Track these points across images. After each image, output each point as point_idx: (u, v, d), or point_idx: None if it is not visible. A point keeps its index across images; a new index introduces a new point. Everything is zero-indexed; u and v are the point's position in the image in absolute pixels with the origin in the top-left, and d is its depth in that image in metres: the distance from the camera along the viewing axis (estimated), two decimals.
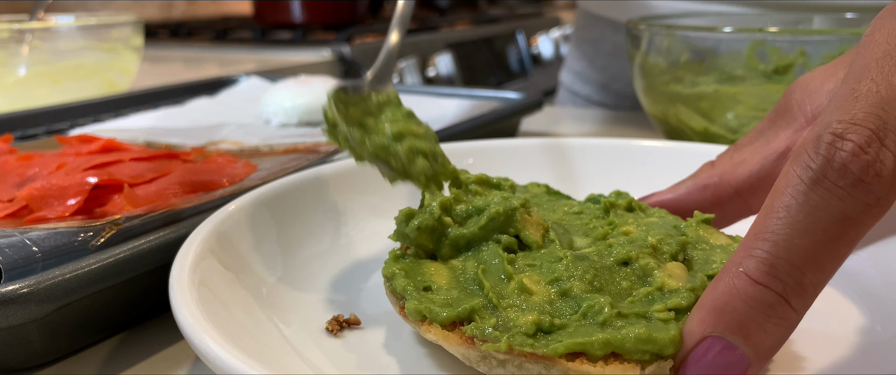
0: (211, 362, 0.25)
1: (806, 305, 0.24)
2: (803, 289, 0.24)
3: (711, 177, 0.38)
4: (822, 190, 0.23)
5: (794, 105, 0.36)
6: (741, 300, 0.24)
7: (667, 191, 0.40)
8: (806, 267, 0.23)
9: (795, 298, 0.24)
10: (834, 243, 0.23)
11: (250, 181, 0.48)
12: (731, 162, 0.38)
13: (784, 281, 0.23)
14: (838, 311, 0.36)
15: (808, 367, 0.31)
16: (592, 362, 0.27)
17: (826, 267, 0.24)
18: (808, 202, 0.23)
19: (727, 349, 0.24)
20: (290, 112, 0.71)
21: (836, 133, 0.23)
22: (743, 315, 0.24)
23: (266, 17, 1.55)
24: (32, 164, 0.49)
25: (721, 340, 0.24)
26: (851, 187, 0.23)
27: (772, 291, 0.23)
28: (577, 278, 0.30)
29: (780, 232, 0.23)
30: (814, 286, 0.24)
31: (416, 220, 0.34)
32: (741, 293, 0.24)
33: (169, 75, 1.11)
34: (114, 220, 0.37)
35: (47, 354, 0.34)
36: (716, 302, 0.24)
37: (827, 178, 0.23)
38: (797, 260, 0.23)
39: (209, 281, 0.32)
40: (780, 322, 0.24)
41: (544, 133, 0.81)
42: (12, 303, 0.30)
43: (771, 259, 0.23)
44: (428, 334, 0.29)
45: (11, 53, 0.82)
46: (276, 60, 1.23)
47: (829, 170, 0.23)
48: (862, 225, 0.23)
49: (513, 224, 0.34)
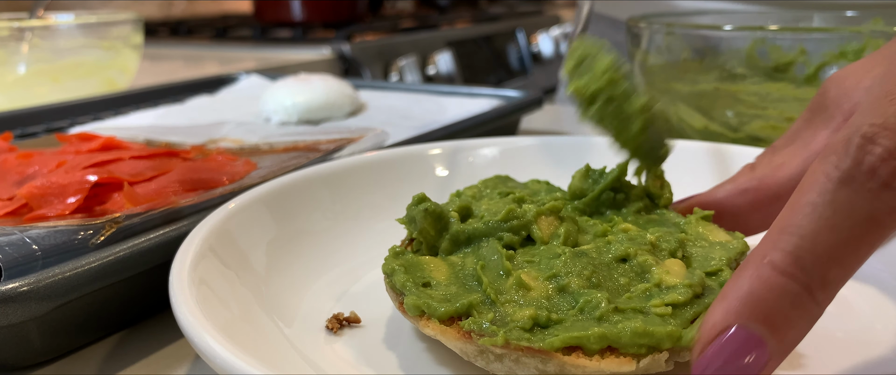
0: (211, 360, 0.25)
1: (828, 300, 0.24)
2: (827, 284, 0.24)
3: (751, 180, 0.37)
4: (850, 190, 0.23)
5: (831, 103, 0.36)
6: (768, 290, 0.24)
7: (705, 195, 0.39)
8: (831, 263, 0.24)
9: (819, 292, 0.24)
10: (858, 242, 0.24)
11: (250, 179, 0.48)
12: (771, 165, 0.37)
13: (809, 274, 0.24)
14: (838, 310, 0.36)
15: (809, 367, 0.31)
16: (588, 356, 0.27)
17: (848, 265, 0.24)
18: (836, 200, 0.23)
19: (751, 339, 0.24)
20: (290, 110, 0.71)
21: (867, 136, 0.23)
22: (769, 305, 0.24)
23: (266, 16, 1.55)
24: (32, 163, 0.49)
25: (745, 330, 0.24)
26: (879, 190, 0.23)
27: (798, 283, 0.24)
28: (575, 274, 0.31)
29: (806, 227, 0.24)
30: (836, 282, 0.24)
31: (425, 204, 0.34)
32: (768, 283, 0.24)
33: (169, 73, 1.11)
34: (114, 218, 0.37)
35: (47, 352, 0.34)
36: (741, 291, 0.24)
37: (855, 179, 0.23)
38: (823, 255, 0.23)
39: (209, 280, 0.32)
40: (803, 315, 0.24)
41: (545, 131, 0.81)
42: (12, 301, 0.30)
43: (797, 251, 0.24)
44: (426, 329, 0.30)
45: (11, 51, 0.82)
46: (276, 58, 1.23)
47: (857, 171, 0.23)
48: (887, 227, 0.23)
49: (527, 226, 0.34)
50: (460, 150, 0.52)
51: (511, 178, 0.43)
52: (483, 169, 0.50)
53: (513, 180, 0.43)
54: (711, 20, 0.73)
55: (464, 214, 0.36)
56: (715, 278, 0.32)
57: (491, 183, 0.42)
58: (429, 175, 0.51)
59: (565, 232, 0.34)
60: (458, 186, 0.46)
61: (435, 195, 0.39)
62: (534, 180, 0.43)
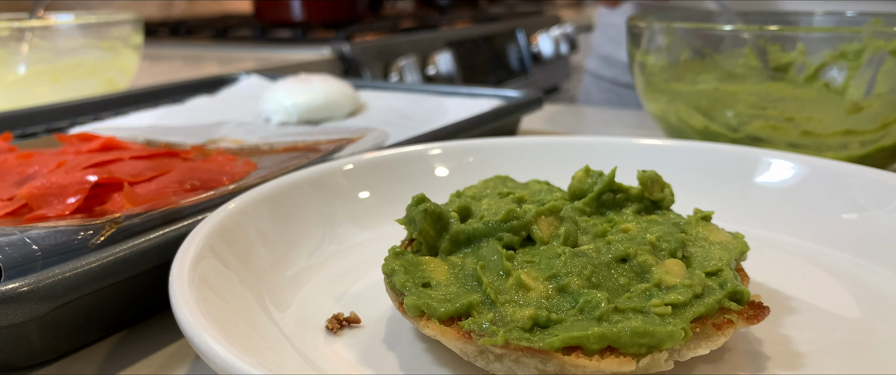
0: (211, 360, 0.25)
1: None
2: None
3: None
4: None
5: None
6: None
7: None
8: None
9: None
10: None
11: (250, 179, 0.48)
12: None
13: None
14: (838, 310, 0.36)
15: (809, 367, 0.31)
16: (588, 356, 0.27)
17: None
18: None
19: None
20: (290, 110, 0.71)
21: None
22: None
23: (266, 16, 1.55)
24: (32, 163, 0.49)
25: None
26: None
27: None
28: (575, 274, 0.31)
29: None
30: None
31: (425, 205, 0.34)
32: None
33: (168, 74, 1.11)
34: (114, 219, 0.37)
35: (47, 352, 0.34)
36: None
37: None
38: None
39: (209, 280, 0.32)
40: None
41: (544, 131, 0.81)
42: (12, 302, 0.30)
43: None
44: (426, 329, 0.30)
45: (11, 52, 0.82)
46: (275, 59, 1.23)
47: None
48: None
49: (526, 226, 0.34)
50: (460, 151, 0.52)
51: (511, 179, 0.44)
52: (483, 169, 0.50)
53: (513, 180, 0.43)
54: (711, 21, 0.73)
55: (463, 214, 0.36)
56: (715, 278, 0.32)
57: (491, 183, 0.42)
58: (429, 175, 0.51)
59: (565, 232, 0.34)
60: (457, 186, 0.46)
61: (435, 195, 0.39)
62: (534, 180, 0.43)
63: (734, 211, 0.46)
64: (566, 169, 0.46)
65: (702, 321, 0.29)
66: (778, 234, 0.44)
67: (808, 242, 0.43)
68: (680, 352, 0.29)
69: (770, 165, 0.48)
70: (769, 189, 0.47)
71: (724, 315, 0.30)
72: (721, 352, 0.32)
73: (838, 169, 0.45)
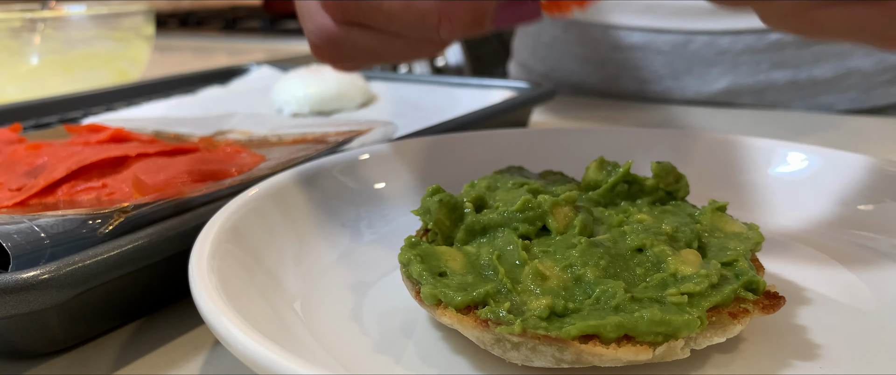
0: (231, 346, 0.25)
1: None
2: None
3: None
4: None
5: None
6: None
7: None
8: None
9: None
10: None
11: (259, 171, 0.48)
12: None
13: None
14: (854, 302, 0.36)
15: (824, 357, 0.31)
16: (605, 344, 0.27)
17: None
18: None
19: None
20: (302, 101, 0.71)
21: None
22: None
23: (275, 7, 1.55)
24: (41, 154, 0.49)
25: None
26: None
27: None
28: (592, 264, 0.31)
29: None
30: None
31: (440, 195, 0.35)
32: None
33: (178, 65, 1.12)
34: (122, 208, 0.38)
35: (67, 339, 0.35)
36: None
37: None
38: None
39: (228, 268, 0.32)
40: None
41: (556, 123, 0.81)
42: (33, 289, 0.31)
43: None
44: (443, 318, 0.30)
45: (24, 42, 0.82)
46: (285, 50, 1.23)
47: None
48: None
49: (542, 216, 0.34)
50: (473, 141, 0.52)
51: (524, 169, 0.44)
52: (496, 160, 0.50)
53: (526, 171, 0.43)
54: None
55: (478, 205, 0.36)
56: (730, 268, 0.32)
57: (504, 174, 0.42)
58: (443, 166, 0.51)
59: (581, 222, 0.34)
60: (471, 177, 0.46)
61: (449, 186, 0.39)
62: (547, 171, 0.43)
63: (749, 202, 0.46)
64: (579, 160, 0.46)
65: (718, 310, 0.29)
66: (793, 225, 0.44)
67: (824, 233, 0.43)
68: (696, 341, 0.29)
69: (786, 156, 0.48)
70: (784, 180, 0.47)
71: (739, 304, 0.30)
72: (736, 341, 0.32)
73: (854, 160, 0.45)
